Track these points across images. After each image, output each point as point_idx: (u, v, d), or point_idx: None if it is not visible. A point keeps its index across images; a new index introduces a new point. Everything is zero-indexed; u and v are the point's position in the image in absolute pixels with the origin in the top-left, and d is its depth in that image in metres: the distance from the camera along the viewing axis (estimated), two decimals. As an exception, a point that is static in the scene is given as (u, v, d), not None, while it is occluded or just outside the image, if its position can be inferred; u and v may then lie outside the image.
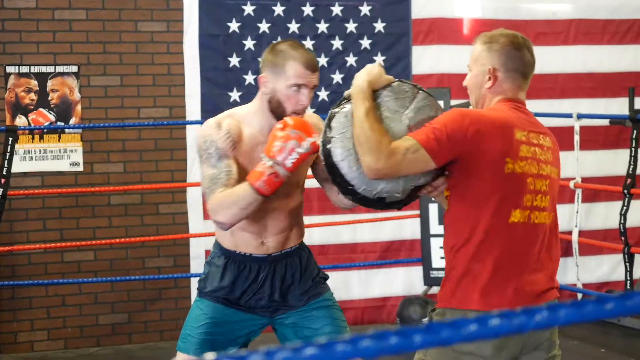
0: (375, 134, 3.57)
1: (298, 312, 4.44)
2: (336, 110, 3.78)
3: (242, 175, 4.17)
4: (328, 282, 4.84)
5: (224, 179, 4.17)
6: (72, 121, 8.16)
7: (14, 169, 7.58)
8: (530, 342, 3.75)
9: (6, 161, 7.33)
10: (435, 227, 8.20)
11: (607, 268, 9.23)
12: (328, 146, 3.74)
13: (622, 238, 7.62)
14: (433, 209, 8.22)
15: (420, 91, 3.78)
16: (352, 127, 3.67)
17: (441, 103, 8.14)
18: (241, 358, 1.32)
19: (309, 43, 8.55)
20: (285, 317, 4.42)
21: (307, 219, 8.28)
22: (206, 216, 7.62)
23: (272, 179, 3.99)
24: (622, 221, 7.58)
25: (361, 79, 3.71)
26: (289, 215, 4.41)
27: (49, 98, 8.11)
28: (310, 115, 4.50)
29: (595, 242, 8.54)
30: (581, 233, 8.21)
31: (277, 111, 4.20)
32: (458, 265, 3.70)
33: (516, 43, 3.81)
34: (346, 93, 3.81)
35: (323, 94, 8.60)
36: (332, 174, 3.76)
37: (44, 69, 8.09)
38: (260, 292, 4.36)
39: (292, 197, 4.39)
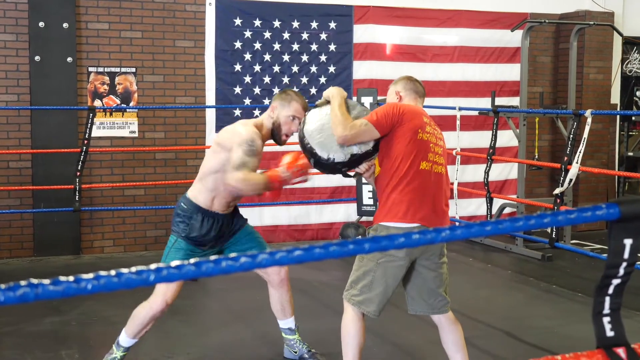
0: (343, 116, 3.92)
1: (234, 239, 4.62)
2: (314, 108, 4.17)
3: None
4: (301, 211, 4.84)
5: (250, 166, 4.23)
6: (131, 104, 8.24)
7: (93, 135, 7.76)
8: (428, 249, 3.95)
9: (87, 129, 7.43)
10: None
11: (474, 207, 9.52)
12: (304, 127, 4.07)
13: (486, 187, 7.91)
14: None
15: (360, 104, 4.23)
16: (330, 112, 3.99)
17: (370, 98, 8.55)
18: (215, 262, 1.28)
19: (286, 57, 8.73)
20: (228, 244, 4.61)
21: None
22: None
23: (282, 183, 4.27)
24: (486, 176, 7.89)
25: (336, 91, 4.04)
26: None
27: (116, 88, 8.18)
28: None
29: (467, 189, 8.79)
30: (459, 184, 8.48)
31: (275, 129, 4.47)
32: (388, 197, 3.93)
33: (410, 79, 4.26)
34: (323, 98, 4.14)
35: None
36: (301, 144, 4.08)
37: (113, 69, 8.16)
38: (223, 233, 4.53)
39: None
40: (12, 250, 8.01)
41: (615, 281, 1.73)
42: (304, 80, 8.90)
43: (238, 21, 8.58)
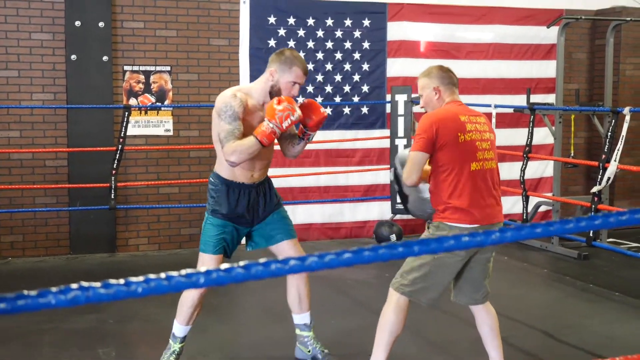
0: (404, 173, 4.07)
1: (265, 222, 4.55)
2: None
3: (244, 131, 4.27)
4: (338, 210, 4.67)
5: (237, 133, 4.20)
6: (166, 102, 8.27)
7: (128, 133, 7.77)
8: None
9: (123, 128, 7.49)
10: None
11: (510, 204, 9.29)
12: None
13: (522, 185, 7.80)
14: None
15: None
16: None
17: (405, 96, 8.54)
18: (250, 266, 1.25)
19: (320, 54, 8.70)
20: (258, 226, 4.53)
21: (315, 169, 8.72)
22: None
23: (271, 135, 4.16)
24: (522, 174, 7.78)
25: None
26: (266, 158, 4.48)
27: (151, 87, 8.22)
28: None
29: (502, 187, 8.70)
30: (493, 182, 8.58)
31: (274, 94, 4.34)
32: (447, 203, 3.97)
33: (443, 69, 4.20)
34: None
35: (329, 88, 8.77)
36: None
37: (148, 68, 8.19)
38: (253, 206, 4.47)
39: (269, 148, 4.42)
40: (48, 248, 8.07)
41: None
42: (338, 78, 8.86)
43: (272, 19, 8.57)
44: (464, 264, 4.07)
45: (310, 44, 8.74)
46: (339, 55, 8.86)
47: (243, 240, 4.70)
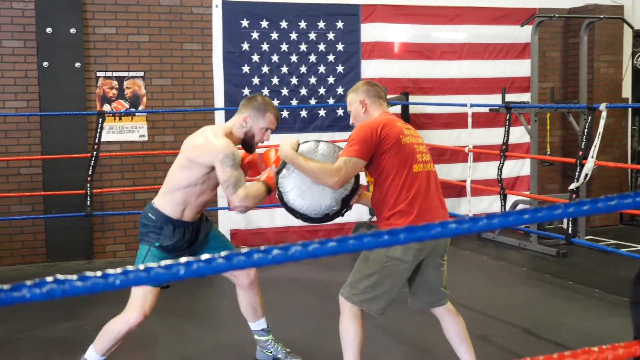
0: (320, 166, 3.91)
1: (203, 244, 4.53)
2: (281, 173, 4.08)
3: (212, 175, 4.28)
4: None
5: (243, 180, 4.20)
6: (140, 108, 8.23)
7: (103, 139, 7.65)
8: (434, 251, 4.00)
9: (97, 134, 7.37)
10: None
11: (487, 204, 9.46)
12: (285, 198, 4.05)
13: (500, 184, 7.66)
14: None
15: (321, 142, 4.15)
16: (303, 174, 3.95)
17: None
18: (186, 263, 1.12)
19: (294, 57, 8.69)
20: (199, 247, 4.51)
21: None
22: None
23: (272, 181, 4.22)
24: (500, 173, 7.63)
25: (288, 148, 3.99)
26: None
27: (125, 93, 8.17)
28: None
29: (479, 186, 8.54)
30: (471, 181, 8.46)
31: (247, 140, 4.40)
32: (394, 209, 3.91)
33: (370, 84, 4.23)
34: (281, 161, 4.11)
35: (303, 91, 8.76)
36: (290, 212, 4.10)
37: (121, 74, 8.14)
38: (194, 241, 4.43)
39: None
40: (24, 256, 8.00)
41: (655, 270, 1.70)
42: (313, 80, 8.85)
43: (245, 23, 8.54)
44: (414, 270, 4.05)
45: (284, 47, 8.72)
46: (313, 58, 8.85)
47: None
